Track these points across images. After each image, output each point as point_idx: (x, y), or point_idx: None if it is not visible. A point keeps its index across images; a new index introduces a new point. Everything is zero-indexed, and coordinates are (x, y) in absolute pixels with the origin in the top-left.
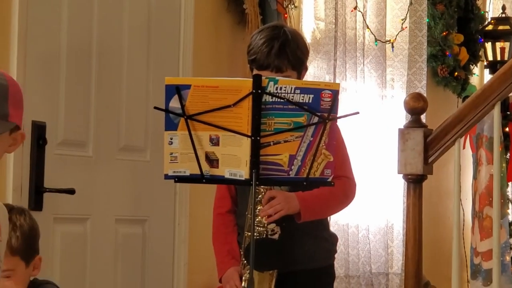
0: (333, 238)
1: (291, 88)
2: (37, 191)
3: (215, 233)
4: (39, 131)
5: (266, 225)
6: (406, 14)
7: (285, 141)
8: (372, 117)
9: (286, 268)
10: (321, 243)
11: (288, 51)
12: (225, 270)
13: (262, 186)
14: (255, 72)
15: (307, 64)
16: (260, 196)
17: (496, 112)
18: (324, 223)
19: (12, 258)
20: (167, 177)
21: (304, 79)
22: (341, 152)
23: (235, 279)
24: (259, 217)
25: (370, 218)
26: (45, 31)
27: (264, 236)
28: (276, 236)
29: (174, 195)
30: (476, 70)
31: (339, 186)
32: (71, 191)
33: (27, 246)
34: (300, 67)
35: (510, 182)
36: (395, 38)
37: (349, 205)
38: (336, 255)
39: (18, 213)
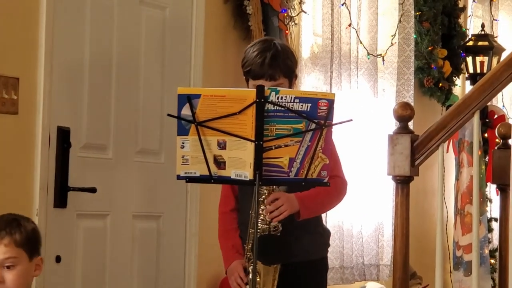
0: (326, 233)
1: (291, 97)
2: (62, 190)
3: (220, 230)
4: (63, 136)
5: (269, 222)
6: (396, 31)
7: (286, 146)
8: (365, 123)
9: (286, 260)
10: (316, 238)
11: (279, 60)
12: (230, 263)
13: (265, 188)
14: (251, 81)
15: (297, 72)
16: (263, 196)
17: (476, 119)
18: (319, 219)
19: (17, 249)
20: (179, 177)
21: (302, 89)
22: (333, 154)
23: (239, 270)
24: (263, 216)
25: (363, 215)
26: (69, 44)
27: (267, 232)
28: (277, 233)
29: (186, 193)
30: (458, 81)
31: (332, 185)
32: (92, 190)
33: (29, 242)
34: (290, 75)
35: (489, 183)
36: (386, 52)
37: (342, 201)
38: (332, 248)
39: (24, 219)
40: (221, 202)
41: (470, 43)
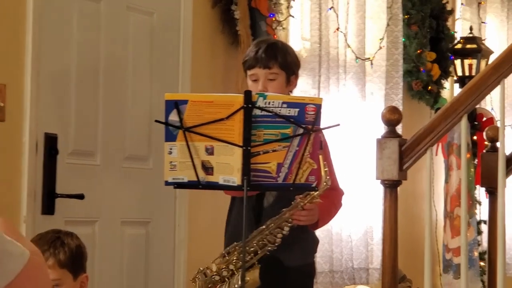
0: (314, 240)
1: (279, 102)
2: (50, 197)
3: None
4: (51, 142)
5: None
6: (384, 34)
7: (273, 151)
8: (354, 127)
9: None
10: (303, 244)
11: (276, 50)
12: None
13: (290, 216)
14: (248, 73)
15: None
16: (299, 199)
17: (464, 123)
18: (306, 226)
19: (60, 270)
20: (167, 183)
21: (292, 91)
22: (330, 165)
23: None
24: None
25: (352, 219)
26: (56, 50)
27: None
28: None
29: (174, 199)
30: (447, 84)
31: (334, 197)
32: (80, 196)
33: (74, 261)
34: (288, 70)
35: (478, 185)
36: (374, 56)
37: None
38: (321, 253)
39: (66, 234)
40: None
41: (459, 46)
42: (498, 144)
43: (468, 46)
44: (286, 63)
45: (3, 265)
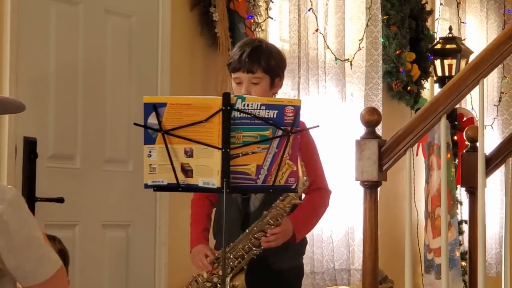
0: (302, 242)
1: (257, 104)
2: (29, 201)
3: (193, 215)
4: (30, 146)
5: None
6: (363, 35)
7: (253, 153)
8: (334, 128)
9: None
10: (292, 246)
11: (260, 55)
12: (196, 244)
13: (271, 220)
14: (233, 76)
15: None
16: (267, 226)
17: (443, 124)
18: None
19: None
20: (146, 186)
21: (277, 92)
22: (316, 164)
23: (201, 257)
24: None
25: (334, 220)
26: (35, 54)
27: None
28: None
29: (155, 202)
30: (427, 84)
31: (318, 199)
32: (60, 200)
33: None
34: (272, 73)
35: (459, 185)
36: (353, 57)
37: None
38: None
39: (49, 238)
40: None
41: (438, 46)
42: (478, 144)
43: (448, 46)
44: (270, 67)
45: (41, 266)
